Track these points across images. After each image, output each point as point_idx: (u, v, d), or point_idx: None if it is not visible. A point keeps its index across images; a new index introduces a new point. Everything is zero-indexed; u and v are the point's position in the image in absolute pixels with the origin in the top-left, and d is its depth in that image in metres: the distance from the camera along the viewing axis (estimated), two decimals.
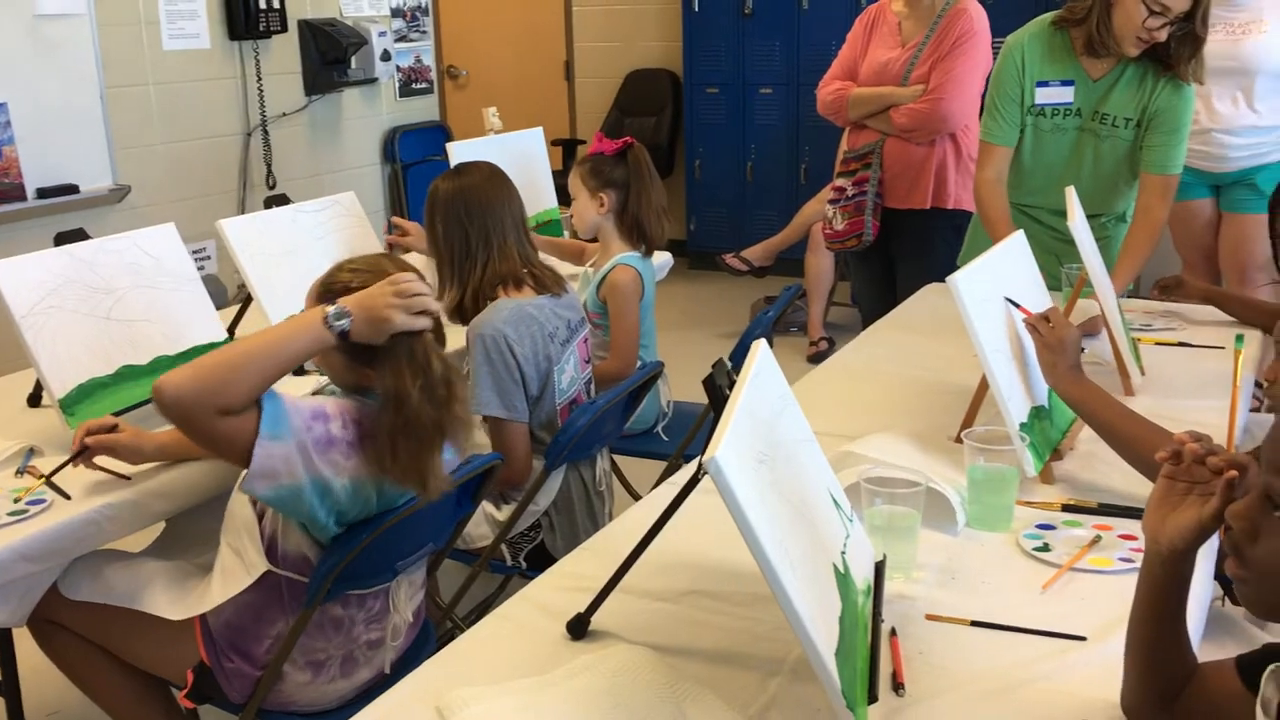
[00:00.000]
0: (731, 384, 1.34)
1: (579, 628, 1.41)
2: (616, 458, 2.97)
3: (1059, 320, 1.82)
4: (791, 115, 6.16)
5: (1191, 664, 1.20)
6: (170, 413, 1.61)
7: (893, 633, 1.39)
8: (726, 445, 1.12)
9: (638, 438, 3.00)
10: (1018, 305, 1.87)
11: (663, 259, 3.36)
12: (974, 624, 1.43)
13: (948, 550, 1.63)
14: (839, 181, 3.52)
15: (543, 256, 2.52)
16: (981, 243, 2.70)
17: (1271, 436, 0.97)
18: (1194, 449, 1.12)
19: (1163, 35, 2.54)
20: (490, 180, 2.39)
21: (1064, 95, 2.72)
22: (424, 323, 1.71)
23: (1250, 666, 1.11)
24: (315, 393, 1.85)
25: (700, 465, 1.12)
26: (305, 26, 5.16)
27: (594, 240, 2.98)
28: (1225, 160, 3.82)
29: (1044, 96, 2.73)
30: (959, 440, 1.85)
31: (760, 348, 1.41)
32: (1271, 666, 1.06)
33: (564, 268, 2.85)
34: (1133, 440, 1.68)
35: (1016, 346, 1.89)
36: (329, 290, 1.76)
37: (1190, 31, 2.54)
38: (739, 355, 2.48)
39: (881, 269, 3.57)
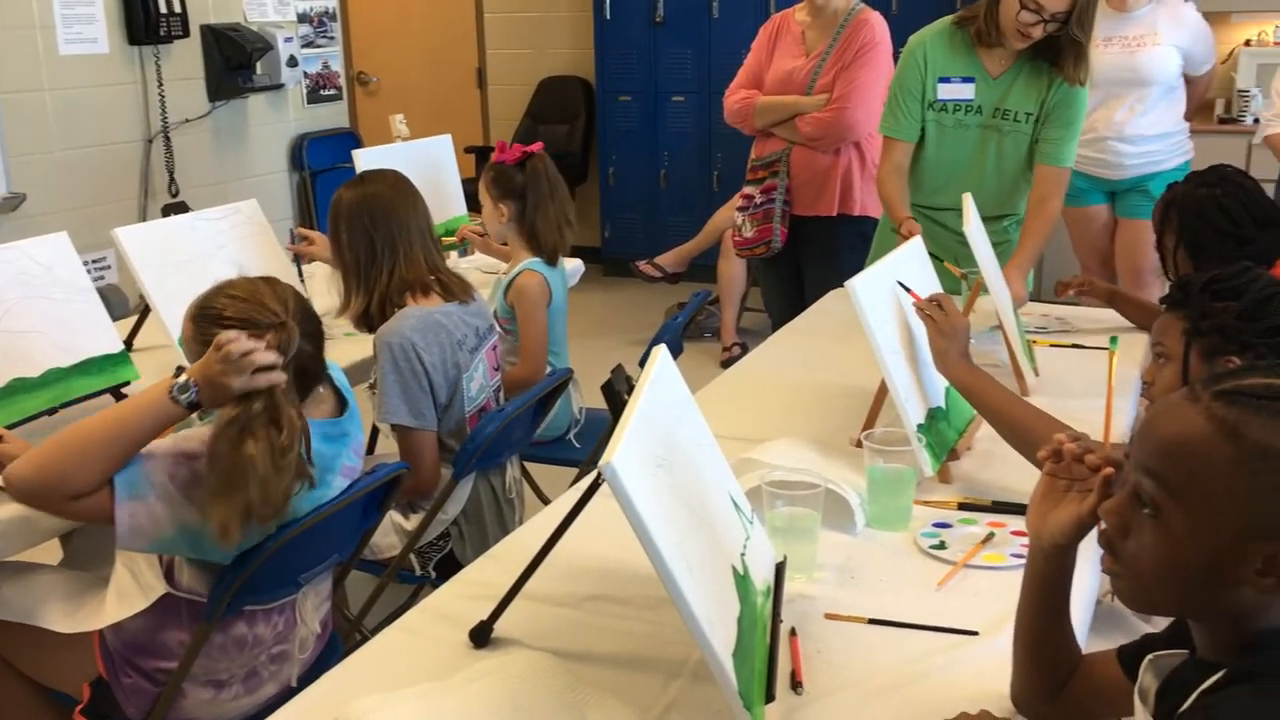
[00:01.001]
0: (630, 390, 1.35)
1: (482, 635, 1.41)
2: (528, 465, 2.96)
3: (950, 307, 1.87)
4: (704, 123, 6.21)
5: (1076, 655, 1.24)
6: (22, 502, 1.62)
7: (792, 632, 1.41)
8: (623, 450, 1.13)
9: (550, 445, 3.00)
10: (909, 290, 1.91)
11: (573, 266, 3.36)
12: (871, 622, 1.45)
13: (848, 550, 1.66)
14: (747, 189, 3.57)
15: (452, 263, 2.52)
16: (887, 245, 2.76)
17: (1137, 436, 1.01)
18: (1072, 448, 1.16)
19: (1038, 32, 2.62)
20: (395, 188, 2.37)
21: (965, 92, 2.79)
22: (266, 380, 1.65)
23: (1131, 657, 1.16)
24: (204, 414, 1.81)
25: (599, 471, 1.13)
26: (208, 31, 5.07)
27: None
28: (1120, 168, 3.96)
29: (946, 92, 2.80)
30: (860, 445, 1.88)
31: (660, 353, 1.42)
32: (1150, 656, 1.10)
33: (475, 276, 2.85)
34: (1021, 427, 1.73)
35: (913, 348, 1.93)
36: (203, 315, 1.72)
37: (1069, 35, 2.63)
38: (646, 361, 2.50)
39: (790, 275, 3.62)
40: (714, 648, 1.13)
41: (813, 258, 3.54)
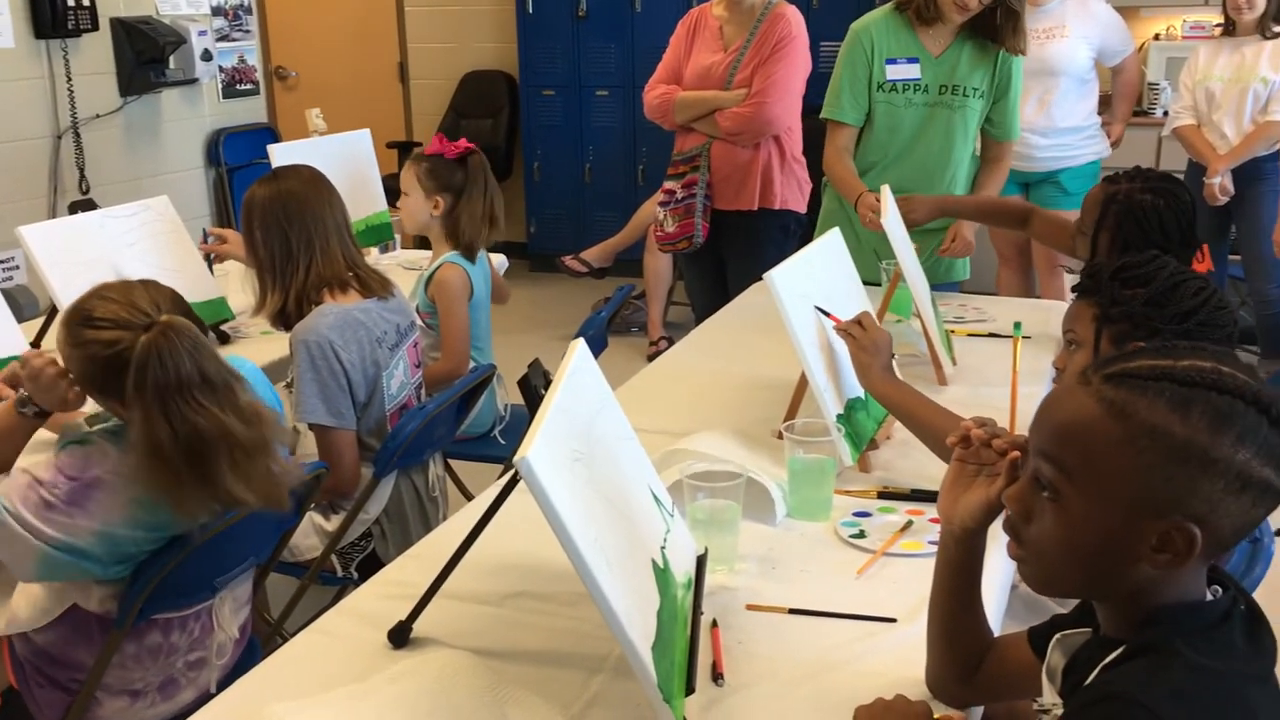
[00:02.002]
0: (547, 385, 1.34)
1: (400, 636, 1.40)
2: (453, 462, 2.94)
3: (870, 324, 1.87)
4: (628, 117, 6.21)
5: (988, 638, 1.26)
6: None
7: (714, 624, 1.42)
8: (538, 445, 1.12)
9: (474, 441, 2.98)
10: (827, 314, 1.92)
11: (497, 261, 3.34)
12: (792, 612, 1.47)
13: (769, 541, 1.67)
14: (668, 184, 3.57)
15: (374, 260, 2.49)
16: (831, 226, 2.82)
17: (1034, 422, 1.03)
18: (979, 434, 1.18)
19: (974, 3, 2.71)
20: (309, 183, 2.33)
21: (911, 71, 2.87)
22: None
23: (1040, 637, 1.18)
24: (94, 417, 1.77)
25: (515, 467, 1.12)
26: (118, 25, 4.94)
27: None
28: (1033, 160, 4.04)
29: (893, 73, 2.88)
30: (781, 437, 1.89)
31: (578, 348, 1.42)
32: (1057, 635, 1.12)
33: (398, 273, 2.82)
34: (939, 432, 1.75)
35: (832, 340, 1.94)
36: (73, 317, 1.67)
37: (1005, 4, 2.72)
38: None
39: (713, 269, 3.63)
40: (633, 642, 1.13)
41: (735, 252, 3.55)
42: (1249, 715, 0.94)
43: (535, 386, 2.37)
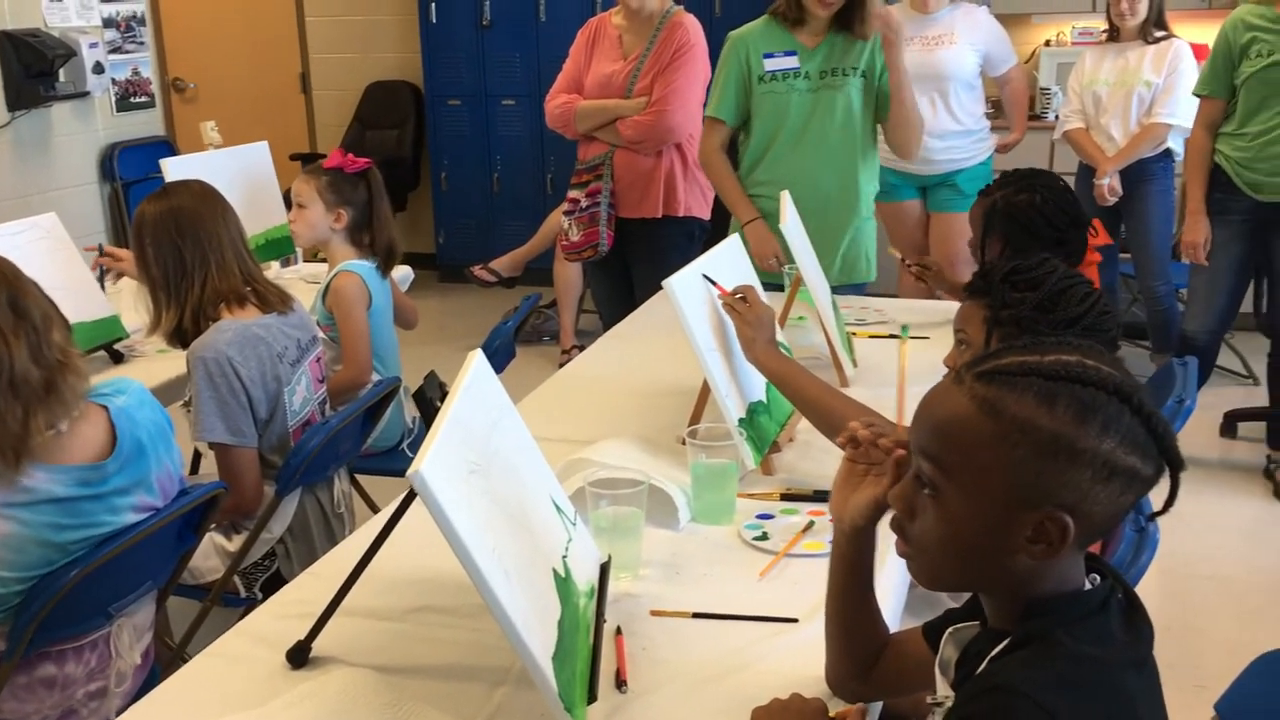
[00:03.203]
0: (444, 396, 1.33)
1: (299, 656, 1.37)
2: (360, 478, 2.90)
3: (754, 298, 1.90)
4: (535, 126, 6.19)
5: (884, 634, 1.29)
6: None
7: (618, 631, 1.42)
8: (432, 457, 1.12)
9: (382, 456, 2.95)
10: (714, 283, 1.93)
11: (402, 273, 3.32)
12: (695, 616, 1.48)
13: (673, 546, 1.68)
14: (572, 193, 3.58)
15: (274, 274, 2.46)
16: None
17: (913, 421, 1.05)
18: (866, 434, 1.21)
19: None
20: (201, 198, 2.29)
21: (790, 62, 2.94)
22: None
23: (934, 631, 1.20)
24: None
25: None
26: (4, 37, 4.79)
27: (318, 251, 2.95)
28: (929, 163, 4.14)
29: (772, 65, 2.94)
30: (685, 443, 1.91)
31: (476, 358, 1.41)
32: (950, 629, 1.15)
33: (300, 287, 2.79)
34: (829, 412, 1.77)
35: (731, 343, 1.96)
36: None
37: None
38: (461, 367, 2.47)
39: (619, 277, 3.65)
40: (532, 652, 1.13)
41: (640, 259, 3.57)
42: (1127, 701, 0.97)
43: (430, 399, 2.35)
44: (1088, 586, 1.03)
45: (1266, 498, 3.67)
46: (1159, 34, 4.26)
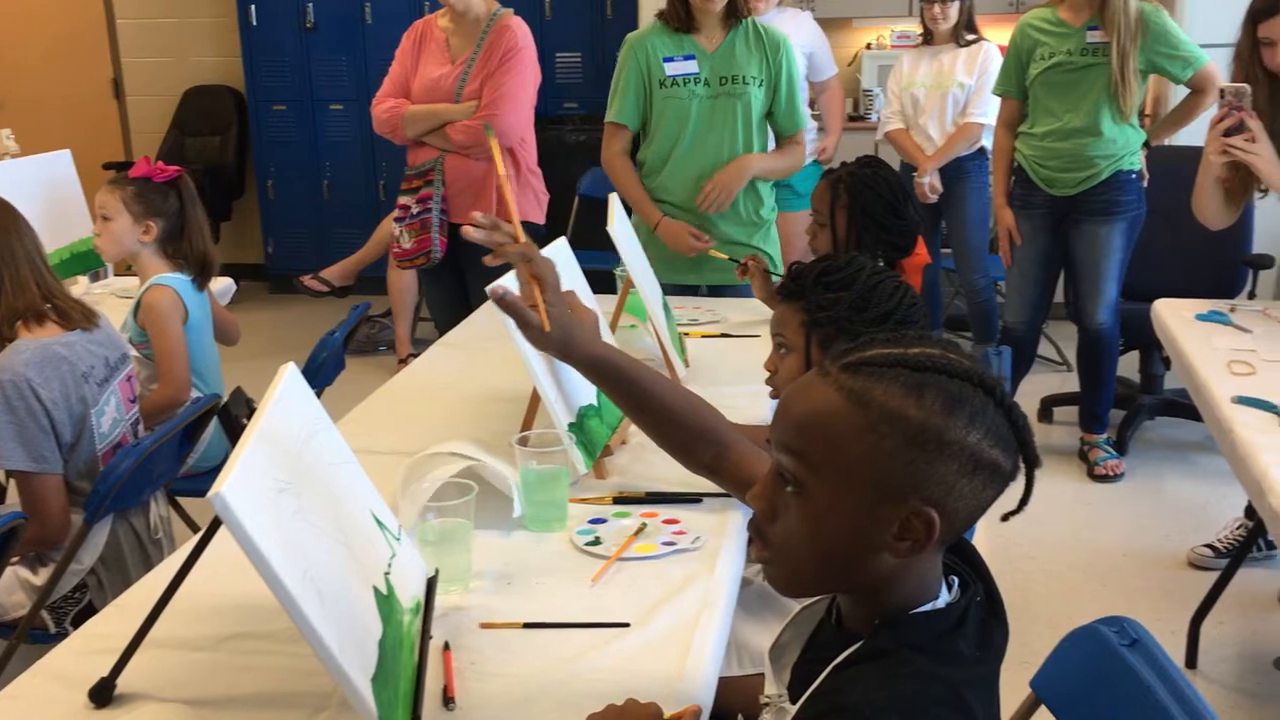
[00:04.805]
0: (251, 413, 1.27)
1: (103, 694, 1.29)
2: (181, 500, 2.77)
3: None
4: (365, 131, 6.02)
5: (703, 423, 1.43)
6: None
7: (446, 647, 1.38)
8: (235, 478, 1.06)
9: (205, 476, 2.82)
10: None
11: (222, 285, 3.18)
12: (526, 626, 1.45)
13: (505, 556, 1.64)
14: (403, 199, 3.51)
15: (83, 289, 2.32)
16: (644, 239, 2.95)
17: (774, 418, 1.03)
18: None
19: None
20: None
21: (689, 66, 2.99)
22: None
23: None
24: None
25: None
26: None
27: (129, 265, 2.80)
28: None
29: (672, 69, 2.99)
30: None
31: (287, 371, 1.35)
32: (793, 613, 1.12)
33: (112, 302, 2.64)
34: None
35: None
36: None
37: None
38: (305, 378, 2.39)
39: (453, 284, 3.59)
40: (349, 676, 1.08)
41: (474, 265, 3.51)
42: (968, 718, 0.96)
43: (236, 416, 2.25)
44: (945, 596, 1.02)
45: (1082, 478, 3.86)
46: (970, 37, 4.44)
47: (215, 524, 1.25)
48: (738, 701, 1.58)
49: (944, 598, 1.02)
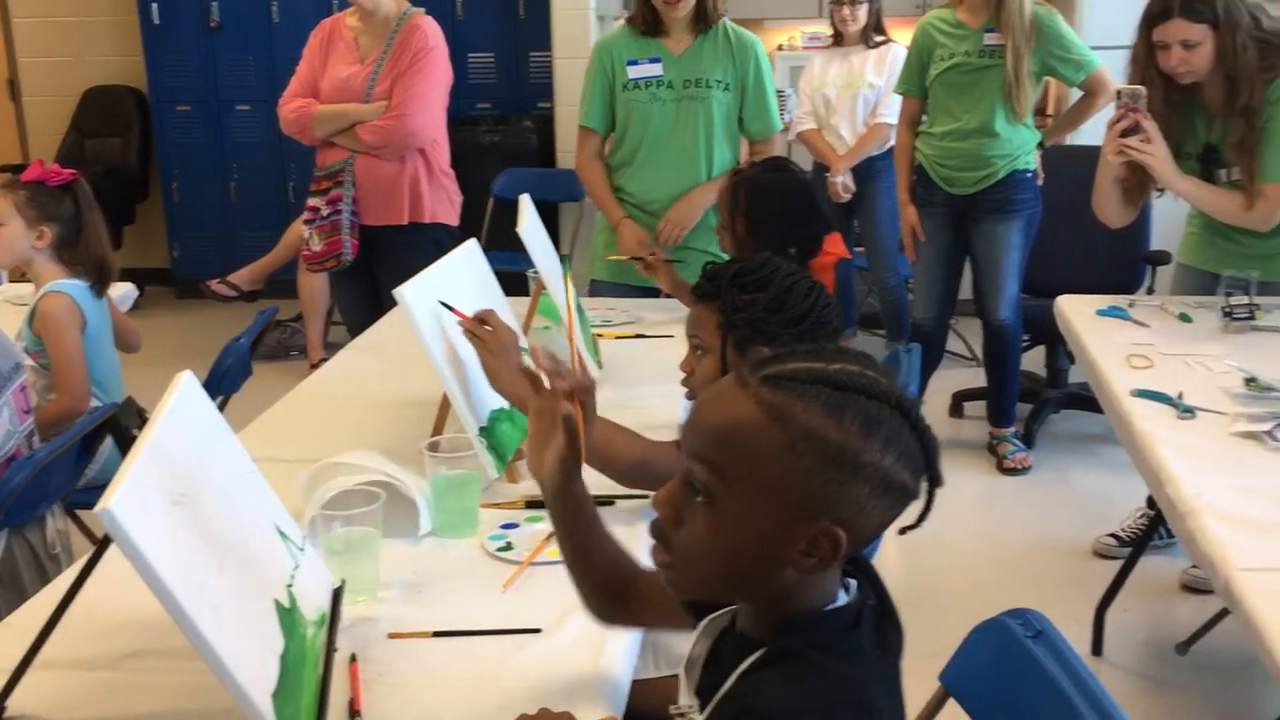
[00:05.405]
0: (144, 423, 1.23)
1: None
2: (82, 514, 2.68)
3: (497, 323, 1.82)
4: (274, 132, 5.85)
5: (629, 565, 1.29)
6: None
7: (352, 659, 1.36)
8: (124, 491, 1.03)
9: (105, 489, 2.73)
10: (452, 309, 1.85)
11: (122, 291, 3.09)
12: (436, 635, 1.43)
13: (414, 564, 1.62)
14: (312, 201, 3.45)
15: None
16: (605, 239, 3.02)
17: (687, 424, 1.02)
18: (548, 364, 1.26)
19: None
20: None
21: (654, 70, 2.99)
22: None
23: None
24: None
25: None
26: None
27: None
28: None
29: (635, 72, 3.00)
30: None
31: (182, 379, 1.31)
32: (705, 620, 1.12)
33: (5, 310, 2.55)
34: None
35: (469, 352, 1.91)
36: None
37: None
38: (209, 386, 2.33)
39: (365, 286, 3.54)
40: (247, 692, 1.05)
41: (387, 268, 3.47)
42: (875, 716, 0.97)
43: (127, 427, 2.19)
44: (843, 598, 1.02)
45: (991, 472, 3.94)
46: (879, 39, 4.51)
47: (106, 540, 1.20)
48: (654, 703, 1.57)
49: (843, 599, 1.02)
